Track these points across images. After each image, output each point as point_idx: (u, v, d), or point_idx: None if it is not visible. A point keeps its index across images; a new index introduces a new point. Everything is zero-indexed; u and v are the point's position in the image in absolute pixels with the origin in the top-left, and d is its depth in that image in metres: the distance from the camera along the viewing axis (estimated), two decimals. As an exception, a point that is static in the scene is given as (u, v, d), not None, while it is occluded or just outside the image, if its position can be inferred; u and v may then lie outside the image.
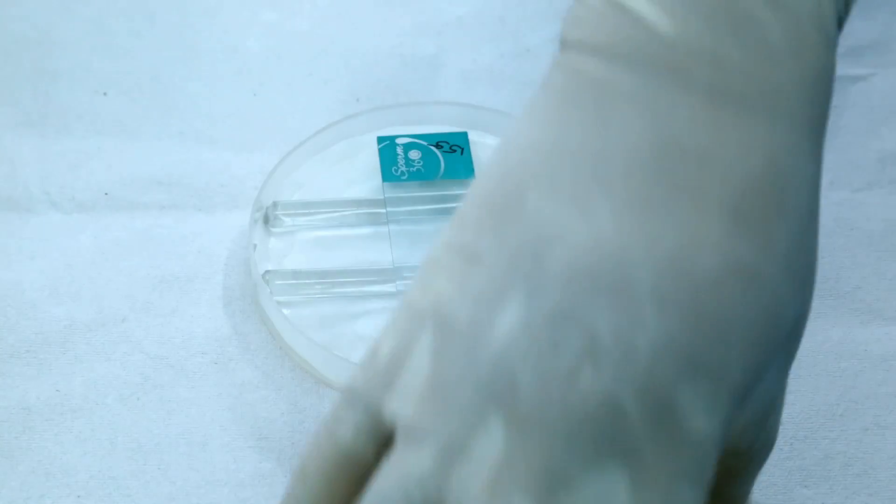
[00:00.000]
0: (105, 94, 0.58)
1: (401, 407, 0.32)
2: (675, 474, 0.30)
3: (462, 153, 0.55)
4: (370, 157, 0.55)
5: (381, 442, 0.33)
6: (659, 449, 0.30)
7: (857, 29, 0.62)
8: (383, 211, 0.53)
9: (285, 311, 0.50)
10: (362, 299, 0.51)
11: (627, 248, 0.31)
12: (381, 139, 0.55)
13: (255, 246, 0.52)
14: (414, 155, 0.55)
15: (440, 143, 0.55)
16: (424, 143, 0.55)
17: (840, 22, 0.35)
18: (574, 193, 0.32)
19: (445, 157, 0.55)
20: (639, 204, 0.32)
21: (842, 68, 0.60)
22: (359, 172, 0.55)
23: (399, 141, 0.55)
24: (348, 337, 0.50)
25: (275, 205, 0.53)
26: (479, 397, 0.31)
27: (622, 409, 0.30)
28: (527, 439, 0.30)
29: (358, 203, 0.54)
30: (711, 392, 0.31)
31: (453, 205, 0.53)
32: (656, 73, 0.33)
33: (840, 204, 0.55)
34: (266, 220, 0.53)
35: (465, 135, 0.56)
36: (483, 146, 0.56)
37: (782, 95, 0.33)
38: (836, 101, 0.60)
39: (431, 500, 0.31)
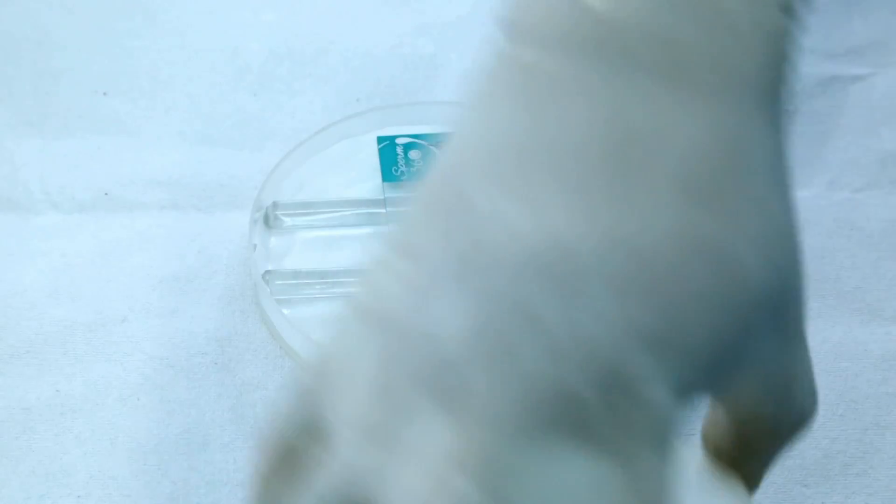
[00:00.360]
0: (105, 94, 0.58)
1: (344, 405, 0.32)
2: (634, 443, 0.31)
3: (462, 153, 0.55)
4: (370, 157, 0.55)
5: (327, 441, 0.32)
6: (616, 422, 0.30)
7: (857, 29, 0.62)
8: (383, 211, 0.53)
9: (285, 311, 0.50)
10: (362, 299, 0.51)
11: (579, 237, 0.31)
12: (381, 139, 0.55)
13: (255, 246, 0.52)
14: (414, 155, 0.55)
15: (440, 143, 0.55)
16: (424, 143, 0.55)
17: None
18: (522, 187, 0.32)
19: (445, 157, 0.55)
20: (589, 192, 0.32)
21: (842, 68, 0.61)
22: (359, 172, 0.55)
23: (399, 141, 0.55)
24: (348, 337, 0.50)
25: (275, 205, 0.53)
26: (422, 391, 0.31)
27: (576, 393, 0.30)
28: (474, 429, 0.30)
29: (358, 203, 0.54)
30: (666, 360, 0.31)
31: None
32: (607, 59, 0.32)
33: (840, 204, 0.55)
34: (266, 220, 0.53)
35: (465, 135, 0.56)
36: (483, 146, 0.56)
37: (736, 68, 0.33)
38: (836, 101, 0.60)
39: (372, 494, 0.30)
